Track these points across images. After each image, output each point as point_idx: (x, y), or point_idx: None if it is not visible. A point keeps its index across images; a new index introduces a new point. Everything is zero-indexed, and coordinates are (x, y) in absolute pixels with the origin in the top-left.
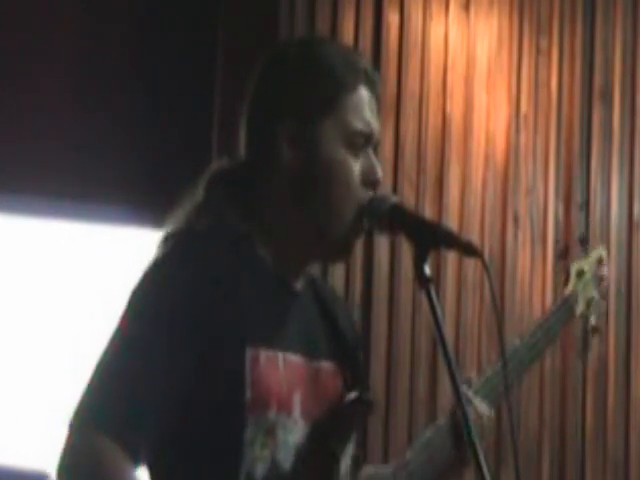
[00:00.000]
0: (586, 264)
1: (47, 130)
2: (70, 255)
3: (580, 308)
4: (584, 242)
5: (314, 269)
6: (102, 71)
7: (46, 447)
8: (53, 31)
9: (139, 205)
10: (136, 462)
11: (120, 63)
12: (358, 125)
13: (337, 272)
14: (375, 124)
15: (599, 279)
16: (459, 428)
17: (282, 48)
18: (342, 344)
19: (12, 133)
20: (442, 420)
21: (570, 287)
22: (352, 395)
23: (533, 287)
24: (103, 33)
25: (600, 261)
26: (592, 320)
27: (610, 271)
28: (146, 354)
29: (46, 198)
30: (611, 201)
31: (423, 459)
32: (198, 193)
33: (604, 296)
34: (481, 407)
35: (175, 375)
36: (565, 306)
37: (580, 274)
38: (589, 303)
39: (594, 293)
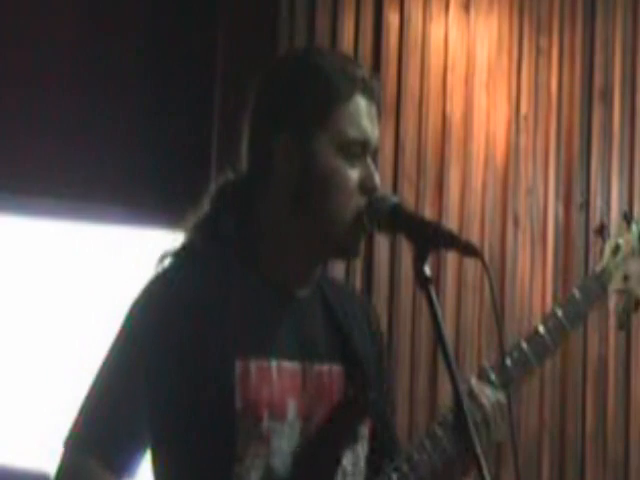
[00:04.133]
0: (622, 239)
1: (47, 130)
2: (70, 255)
3: (615, 285)
4: (626, 217)
5: (322, 272)
6: (103, 72)
7: (46, 447)
8: (54, 31)
9: (139, 205)
10: (123, 477)
11: (121, 64)
12: (353, 134)
13: (337, 272)
14: (373, 132)
15: None
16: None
17: (280, 60)
18: (349, 347)
19: (12, 133)
20: (447, 415)
21: (603, 263)
22: (351, 396)
23: (533, 287)
24: (104, 34)
25: None
26: (636, 293)
27: None
28: (133, 375)
29: (46, 198)
30: (611, 201)
31: (427, 453)
32: (203, 207)
33: None
34: (486, 393)
35: (164, 394)
36: (596, 283)
37: (616, 250)
38: (627, 278)
39: (635, 267)
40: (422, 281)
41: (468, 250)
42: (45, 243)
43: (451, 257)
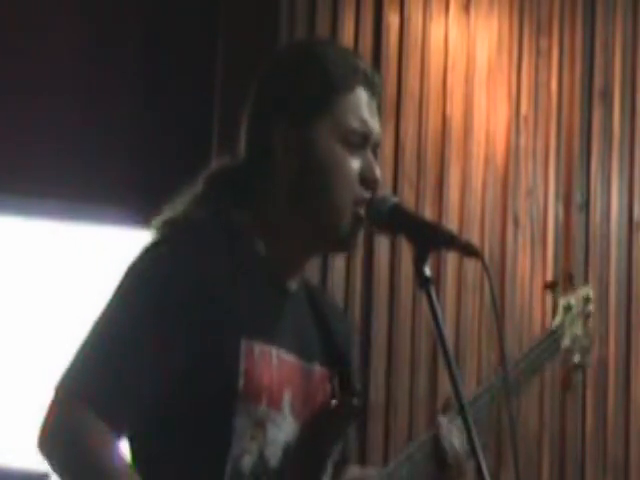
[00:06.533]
0: (574, 299)
1: (46, 131)
2: (67, 256)
3: (566, 342)
4: (571, 278)
5: (310, 275)
6: (102, 72)
7: None
8: (53, 32)
9: (138, 206)
10: (119, 438)
11: (120, 64)
12: (354, 124)
13: (337, 272)
14: (374, 125)
15: (585, 317)
16: (440, 450)
17: (282, 50)
18: (333, 349)
19: (12, 133)
20: (424, 437)
21: (557, 320)
22: (339, 399)
23: (533, 288)
24: (103, 34)
25: (587, 299)
26: (576, 358)
27: (610, 272)
28: (137, 334)
29: (43, 199)
30: (611, 201)
31: (405, 473)
32: (197, 187)
33: (589, 335)
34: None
35: (166, 358)
36: (551, 339)
37: (567, 308)
38: (574, 339)
39: (579, 330)
40: (422, 281)
41: (468, 250)
42: (42, 243)
43: (451, 257)
